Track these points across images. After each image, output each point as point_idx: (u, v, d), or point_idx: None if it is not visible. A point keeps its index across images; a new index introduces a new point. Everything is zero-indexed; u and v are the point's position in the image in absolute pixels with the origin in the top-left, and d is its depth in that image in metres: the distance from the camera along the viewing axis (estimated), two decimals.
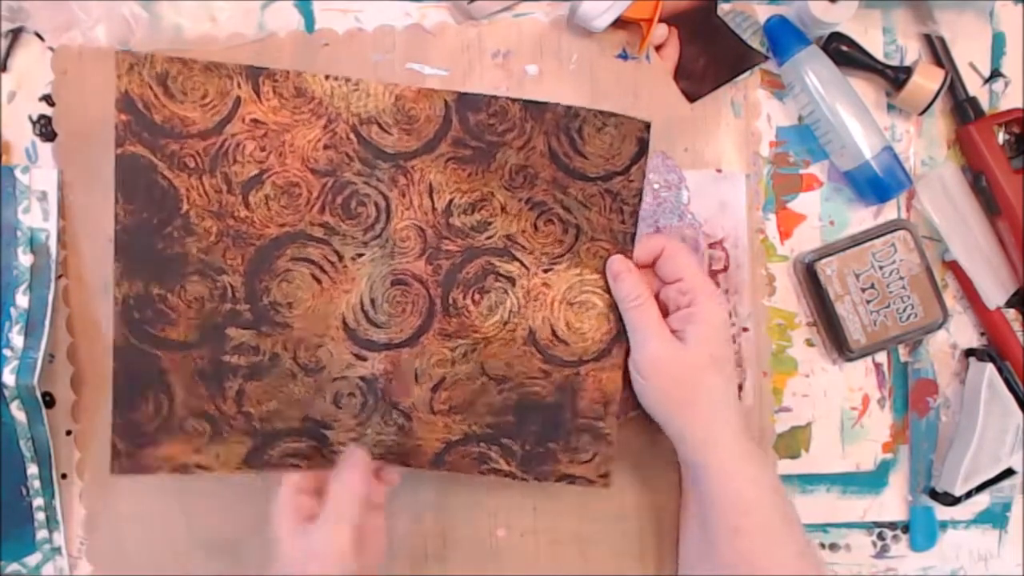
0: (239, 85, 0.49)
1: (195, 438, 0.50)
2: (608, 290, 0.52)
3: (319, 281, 0.50)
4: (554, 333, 0.52)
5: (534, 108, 0.51)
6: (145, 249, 0.49)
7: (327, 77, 0.49)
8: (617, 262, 0.52)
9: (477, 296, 0.51)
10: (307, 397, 0.51)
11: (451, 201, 0.51)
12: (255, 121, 0.49)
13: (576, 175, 0.51)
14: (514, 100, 0.50)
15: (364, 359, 0.51)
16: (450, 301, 0.51)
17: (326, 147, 0.50)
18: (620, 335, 0.52)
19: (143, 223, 0.49)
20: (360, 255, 0.50)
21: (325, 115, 0.50)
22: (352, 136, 0.50)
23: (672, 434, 0.52)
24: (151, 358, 0.50)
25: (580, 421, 0.53)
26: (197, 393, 0.50)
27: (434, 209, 0.51)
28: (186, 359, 0.50)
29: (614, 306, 0.52)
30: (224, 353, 0.50)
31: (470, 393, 0.52)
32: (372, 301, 0.51)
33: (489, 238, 0.51)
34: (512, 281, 0.52)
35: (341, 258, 0.50)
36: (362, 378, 0.51)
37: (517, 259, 0.51)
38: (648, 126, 0.51)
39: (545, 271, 0.52)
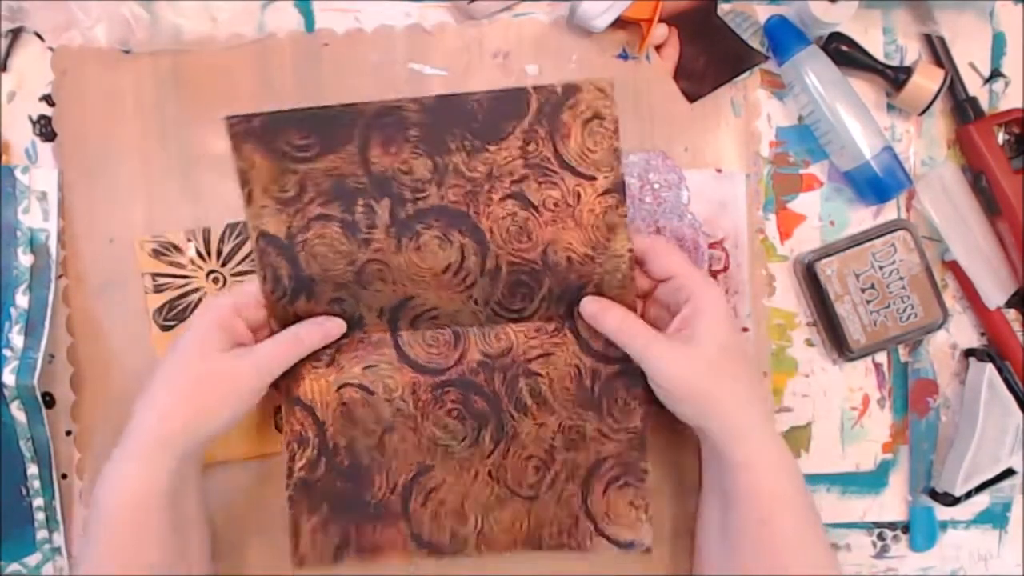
0: (601, 179, 0.49)
1: (276, 185, 0.50)
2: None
3: (444, 272, 0.51)
4: (424, 498, 0.53)
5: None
6: (448, 115, 0.49)
7: (627, 235, 0.50)
8: (591, 303, 0.51)
9: (455, 411, 0.53)
10: (330, 277, 0.51)
11: (539, 378, 0.53)
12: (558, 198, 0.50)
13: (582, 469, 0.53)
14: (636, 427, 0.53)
15: (378, 322, 0.52)
16: (442, 389, 0.53)
17: (566, 244, 0.50)
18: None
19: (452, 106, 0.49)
20: (482, 305, 0.52)
21: (586, 229, 0.50)
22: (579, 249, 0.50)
23: (697, 430, 0.51)
24: (343, 125, 0.49)
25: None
26: (317, 176, 0.50)
27: (529, 359, 0.53)
28: (345, 161, 0.49)
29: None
30: (357, 200, 0.50)
31: (352, 413, 0.53)
32: (433, 316, 0.52)
33: (512, 416, 0.53)
34: (476, 443, 0.53)
35: (471, 285, 0.51)
36: (363, 318, 0.52)
37: (497, 444, 0.53)
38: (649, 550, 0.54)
39: (489, 473, 0.53)
